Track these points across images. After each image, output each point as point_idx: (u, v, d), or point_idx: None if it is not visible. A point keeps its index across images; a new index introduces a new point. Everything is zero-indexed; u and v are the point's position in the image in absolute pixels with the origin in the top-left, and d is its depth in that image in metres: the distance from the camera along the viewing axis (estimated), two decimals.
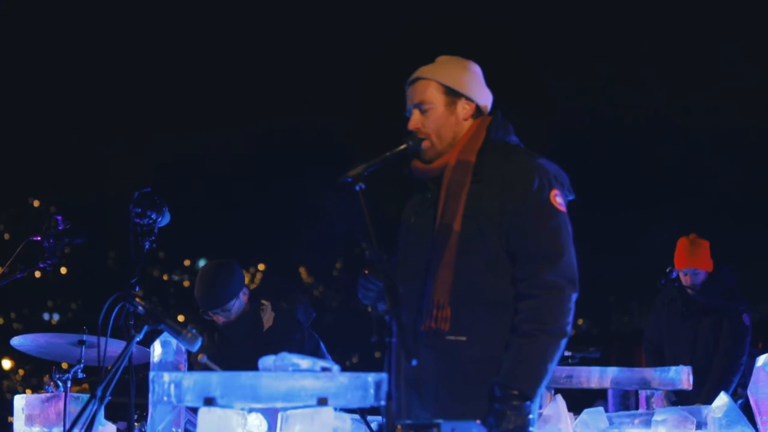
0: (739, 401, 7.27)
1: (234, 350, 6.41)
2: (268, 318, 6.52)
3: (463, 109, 4.39)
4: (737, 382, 7.80)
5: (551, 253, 4.16)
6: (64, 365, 6.13)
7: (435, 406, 4.16)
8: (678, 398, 7.60)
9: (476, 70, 4.48)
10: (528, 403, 4.05)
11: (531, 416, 4.05)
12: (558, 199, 4.24)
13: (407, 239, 4.44)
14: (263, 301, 6.54)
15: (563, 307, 4.13)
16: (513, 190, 4.20)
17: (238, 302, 6.41)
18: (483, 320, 4.17)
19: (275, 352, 4.08)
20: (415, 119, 4.38)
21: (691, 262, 7.98)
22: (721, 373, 7.75)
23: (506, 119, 4.42)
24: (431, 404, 4.19)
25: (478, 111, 4.42)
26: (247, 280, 6.63)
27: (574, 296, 4.18)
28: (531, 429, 4.05)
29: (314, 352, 6.40)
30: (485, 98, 4.46)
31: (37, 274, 5.58)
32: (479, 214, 4.21)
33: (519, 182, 4.21)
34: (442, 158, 4.35)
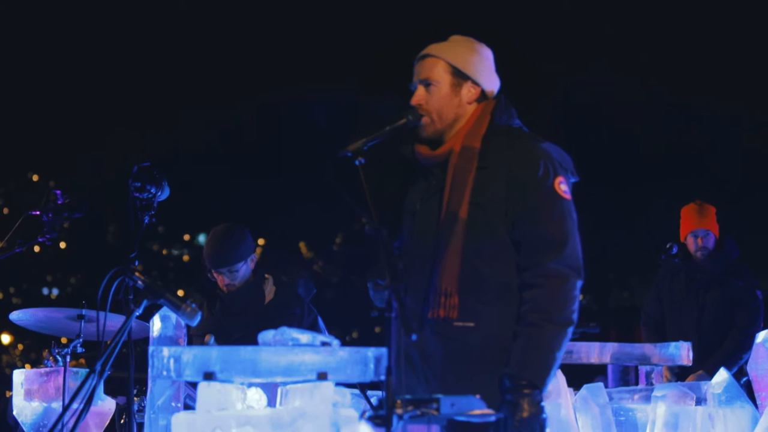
0: (744, 379, 7.24)
1: (234, 321, 6.44)
2: (269, 291, 6.55)
3: (468, 92, 4.37)
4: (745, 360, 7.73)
5: (555, 241, 4.15)
6: (63, 340, 6.12)
7: (441, 389, 4.16)
8: (680, 372, 7.57)
9: (487, 54, 4.45)
10: (538, 392, 4.06)
11: (543, 403, 4.06)
12: (563, 187, 4.22)
13: (413, 227, 4.42)
14: (266, 275, 6.56)
15: (568, 296, 4.13)
16: (518, 176, 4.19)
17: (245, 267, 6.45)
18: (490, 306, 4.17)
19: (274, 325, 4.07)
20: (419, 95, 4.36)
21: (702, 224, 7.92)
22: (734, 349, 7.67)
23: (509, 103, 4.40)
24: (437, 387, 4.20)
25: (483, 96, 4.40)
26: None
27: (579, 284, 4.17)
28: (544, 416, 4.06)
29: (312, 327, 6.43)
30: (492, 83, 4.42)
31: (36, 248, 5.58)
32: (485, 202, 4.20)
33: (524, 169, 4.20)
34: (447, 144, 4.34)
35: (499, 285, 4.18)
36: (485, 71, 4.41)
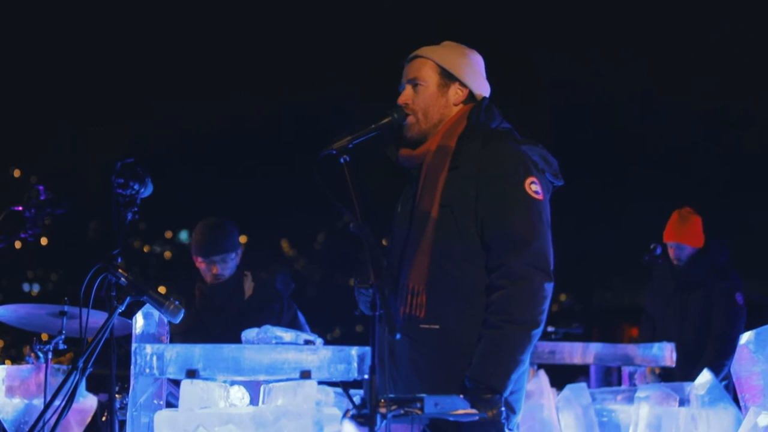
0: (725, 382, 7.24)
1: (214, 317, 6.46)
2: (248, 287, 6.58)
3: (456, 93, 4.36)
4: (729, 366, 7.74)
5: (520, 241, 4.10)
6: (44, 336, 6.08)
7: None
8: (663, 374, 7.57)
9: (477, 59, 4.45)
10: (498, 396, 4.02)
11: (503, 408, 4.02)
12: (534, 187, 4.18)
13: (393, 228, 4.43)
14: (245, 272, 6.58)
15: (533, 298, 4.08)
16: (486, 176, 4.17)
17: (235, 261, 6.49)
18: (457, 309, 4.15)
19: (254, 321, 4.07)
20: (406, 94, 4.36)
21: (676, 237, 7.97)
22: (714, 357, 7.65)
23: (492, 104, 4.38)
24: (403, 389, 4.19)
25: (472, 98, 4.39)
26: None
27: (547, 285, 4.11)
28: (504, 421, 4.02)
29: (291, 322, 6.47)
30: (480, 87, 4.41)
31: (17, 244, 5.52)
32: (455, 202, 4.18)
33: (492, 169, 4.18)
34: (426, 144, 4.33)
35: (468, 288, 4.15)
36: (474, 74, 4.41)
